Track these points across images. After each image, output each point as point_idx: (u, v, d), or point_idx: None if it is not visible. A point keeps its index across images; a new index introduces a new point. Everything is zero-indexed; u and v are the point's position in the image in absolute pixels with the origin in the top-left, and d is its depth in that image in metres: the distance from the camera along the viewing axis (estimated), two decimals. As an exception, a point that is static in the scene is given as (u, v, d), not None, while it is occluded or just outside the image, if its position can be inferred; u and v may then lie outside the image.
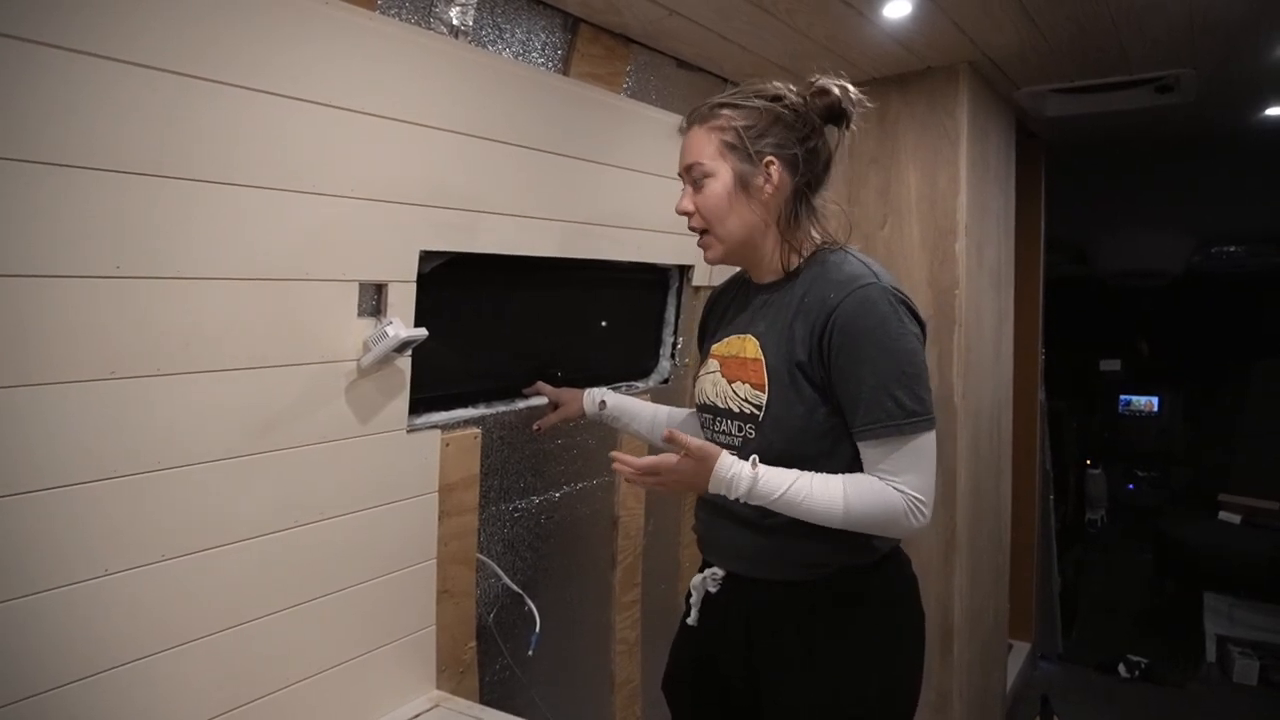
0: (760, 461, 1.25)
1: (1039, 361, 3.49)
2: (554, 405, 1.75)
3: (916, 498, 1.20)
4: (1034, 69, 2.35)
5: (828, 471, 1.24)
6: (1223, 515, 3.94)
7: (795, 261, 1.32)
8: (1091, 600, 4.37)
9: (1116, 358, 5.56)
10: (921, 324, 1.26)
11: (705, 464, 1.25)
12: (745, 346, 1.32)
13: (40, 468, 1.00)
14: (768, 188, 1.29)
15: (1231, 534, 3.85)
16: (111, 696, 1.09)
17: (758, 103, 1.30)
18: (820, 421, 1.25)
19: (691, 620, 1.43)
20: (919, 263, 2.32)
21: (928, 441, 1.21)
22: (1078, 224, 4.41)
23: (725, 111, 1.31)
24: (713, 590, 1.39)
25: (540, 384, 1.77)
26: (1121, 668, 3.58)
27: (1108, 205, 4.42)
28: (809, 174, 1.32)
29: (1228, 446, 4.39)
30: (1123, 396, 5.50)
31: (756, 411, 1.29)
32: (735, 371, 1.33)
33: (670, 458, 1.27)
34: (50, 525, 1.01)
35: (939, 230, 2.28)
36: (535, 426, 1.76)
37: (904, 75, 2.31)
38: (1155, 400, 5.42)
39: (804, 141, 1.30)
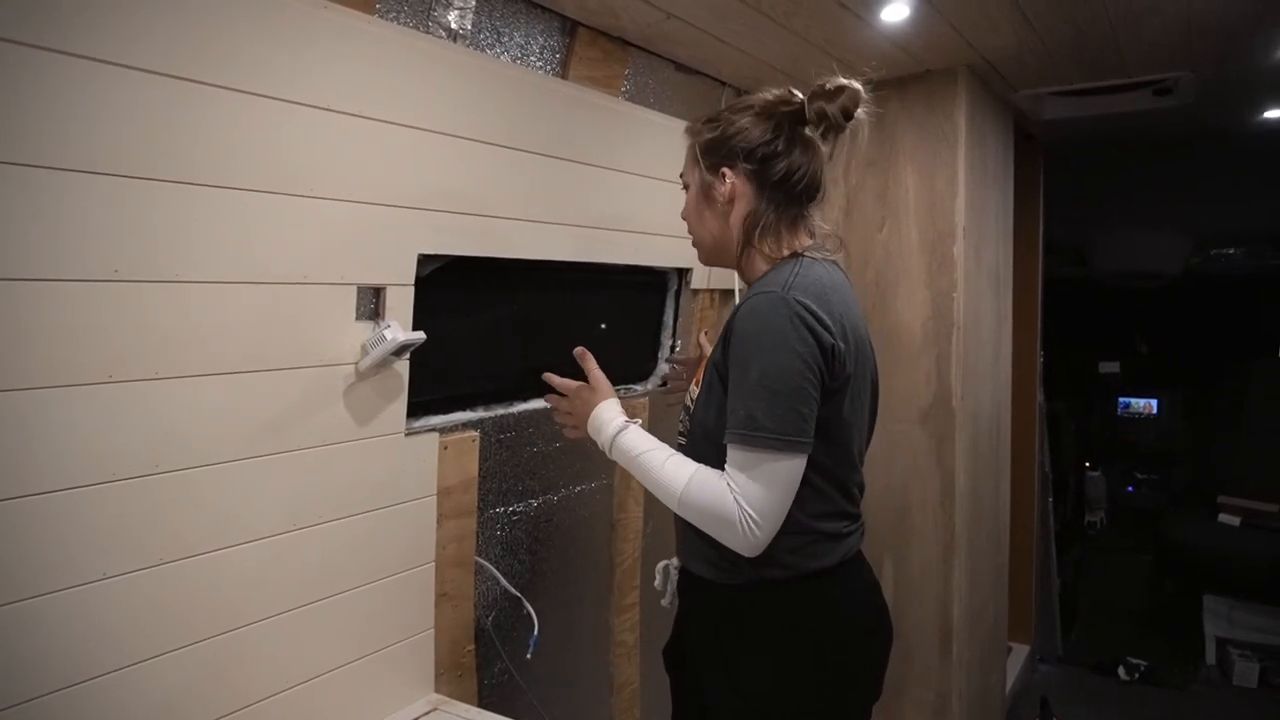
0: (687, 454, 1.29)
1: (1038, 363, 3.48)
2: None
3: (750, 514, 1.15)
4: (1032, 72, 2.35)
5: None
6: (1222, 517, 3.93)
7: (763, 268, 1.32)
8: (1091, 602, 4.36)
9: (1115, 359, 5.55)
10: (824, 345, 1.18)
11: (594, 397, 1.37)
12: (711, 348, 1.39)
13: (40, 470, 1.00)
14: (723, 196, 1.33)
15: (1231, 536, 3.84)
16: (111, 700, 1.09)
17: (725, 115, 1.34)
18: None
19: (665, 602, 1.51)
20: (917, 265, 2.32)
21: (781, 463, 1.16)
22: (1076, 226, 4.41)
23: (701, 125, 1.36)
24: (674, 576, 1.49)
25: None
26: (1121, 670, 3.57)
27: (1106, 207, 4.42)
28: (773, 183, 1.30)
29: (1227, 448, 4.38)
30: (1121, 398, 5.49)
31: (691, 406, 1.40)
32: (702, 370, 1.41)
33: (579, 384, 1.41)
34: (50, 528, 1.02)
35: (937, 233, 2.29)
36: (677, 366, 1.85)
37: (902, 78, 2.31)
38: (1154, 402, 5.41)
39: (756, 152, 1.29)
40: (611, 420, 1.33)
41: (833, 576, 1.28)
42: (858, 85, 1.29)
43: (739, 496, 1.16)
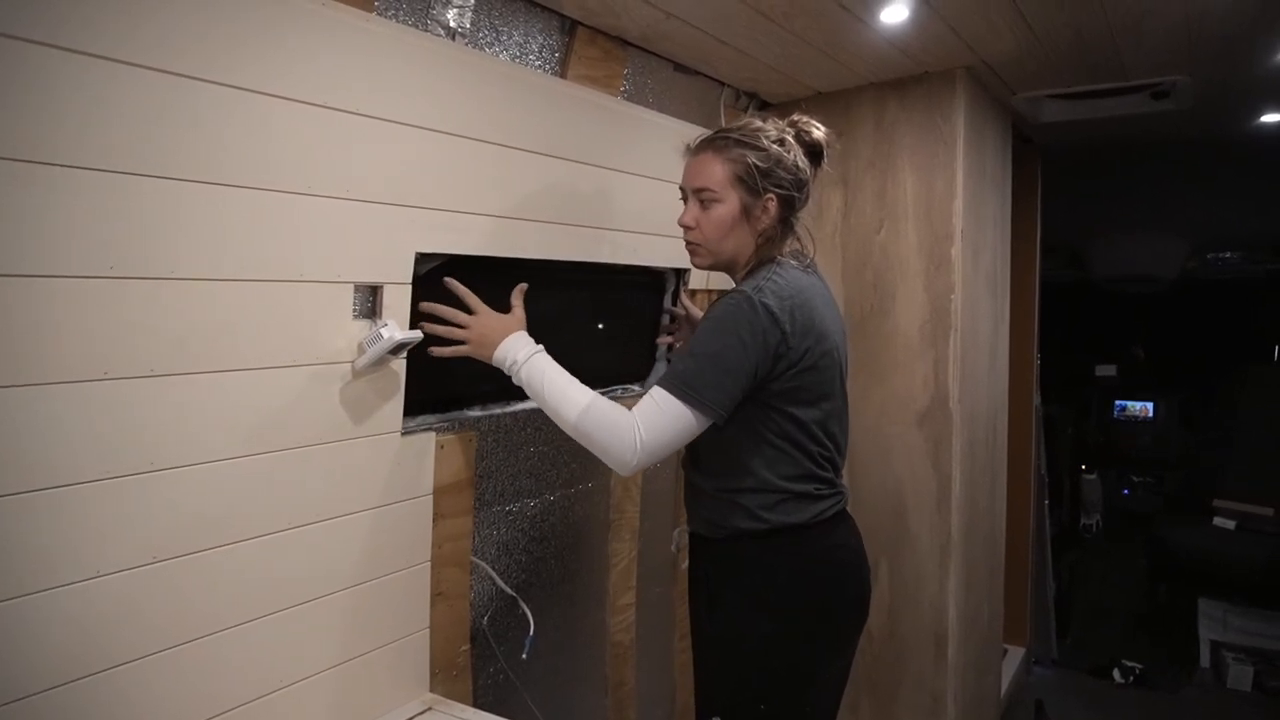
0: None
1: (1034, 366, 3.49)
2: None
3: (642, 433, 1.35)
4: (1031, 74, 2.35)
5: (730, 451, 1.46)
6: (1217, 520, 3.94)
7: (750, 269, 1.52)
8: (1086, 605, 4.37)
9: (1112, 363, 5.56)
10: (771, 340, 1.38)
11: (512, 323, 1.47)
12: None
13: (32, 469, 1.00)
14: (765, 219, 1.48)
15: (1226, 539, 3.85)
16: (104, 699, 1.08)
17: (765, 144, 1.47)
18: None
19: (685, 566, 1.71)
20: (915, 268, 2.32)
21: (686, 414, 1.37)
22: (1074, 229, 4.42)
23: (739, 148, 1.47)
24: (685, 543, 1.68)
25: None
26: (1116, 673, 3.58)
27: (1103, 211, 4.42)
28: (792, 204, 1.50)
29: (1223, 451, 4.39)
30: (1118, 402, 5.50)
31: None
32: None
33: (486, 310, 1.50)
34: (42, 526, 1.01)
35: (935, 235, 2.29)
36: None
37: (901, 80, 2.31)
38: (1150, 405, 5.42)
39: (798, 182, 1.49)
40: (529, 344, 1.45)
41: (805, 531, 1.48)
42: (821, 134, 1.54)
43: (639, 416, 1.37)
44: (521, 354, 1.43)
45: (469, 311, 1.48)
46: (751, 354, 1.38)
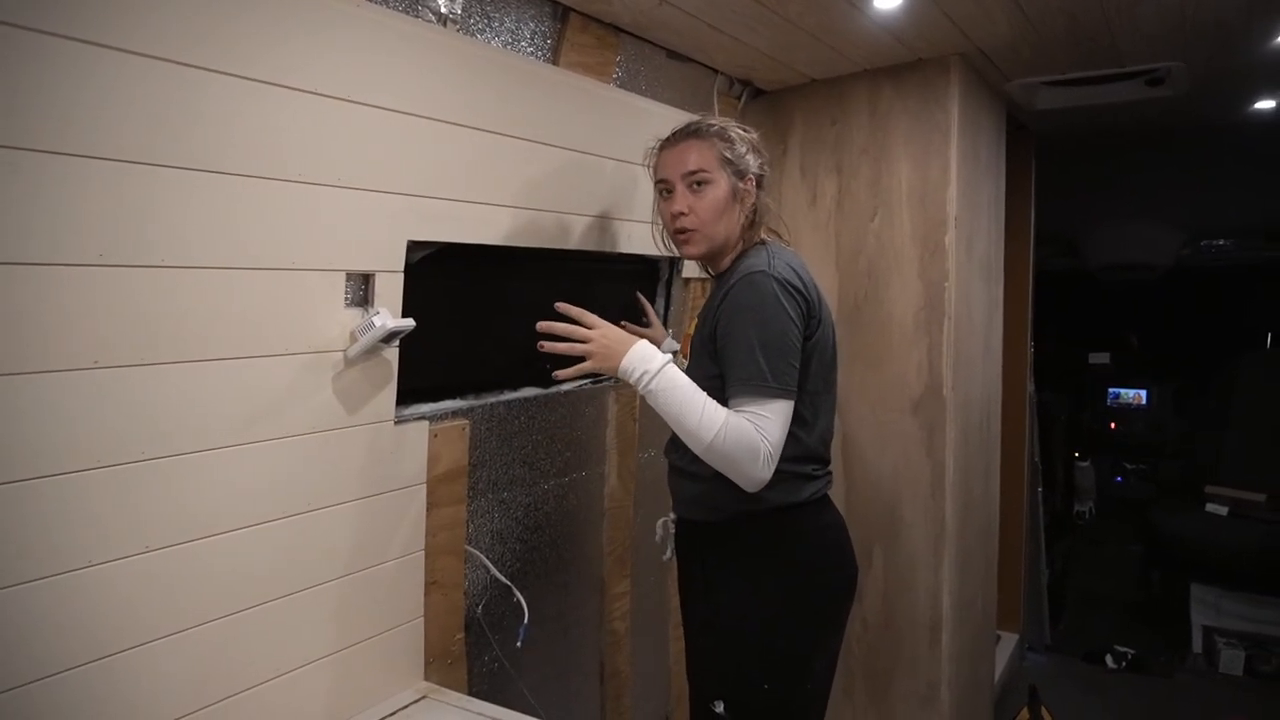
0: None
1: (1028, 354, 3.49)
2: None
3: (771, 449, 1.38)
4: (1025, 61, 2.35)
5: None
6: (1210, 507, 3.95)
7: (736, 255, 1.56)
8: (1079, 591, 4.39)
9: (1106, 351, 5.57)
10: (800, 307, 1.43)
11: (628, 337, 1.46)
12: (692, 324, 1.63)
13: (24, 458, 0.99)
14: (749, 200, 1.55)
15: (1219, 526, 3.87)
16: (98, 689, 1.08)
17: (739, 132, 1.56)
18: (719, 389, 1.43)
19: (665, 557, 1.73)
20: (909, 255, 2.31)
21: (785, 407, 1.40)
22: (1068, 217, 4.41)
23: (717, 132, 1.54)
24: (672, 531, 1.69)
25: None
26: (1109, 658, 3.60)
27: (1098, 198, 4.42)
28: (763, 189, 1.58)
29: (1216, 439, 4.40)
30: (1111, 389, 5.51)
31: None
32: (685, 345, 1.65)
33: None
34: (34, 516, 1.01)
35: (929, 222, 2.28)
36: None
37: (895, 67, 2.31)
38: (1144, 393, 5.44)
39: (762, 166, 1.58)
40: (658, 354, 1.43)
41: (801, 510, 1.50)
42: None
43: (764, 435, 1.37)
44: (654, 364, 1.41)
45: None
46: (799, 327, 1.43)
